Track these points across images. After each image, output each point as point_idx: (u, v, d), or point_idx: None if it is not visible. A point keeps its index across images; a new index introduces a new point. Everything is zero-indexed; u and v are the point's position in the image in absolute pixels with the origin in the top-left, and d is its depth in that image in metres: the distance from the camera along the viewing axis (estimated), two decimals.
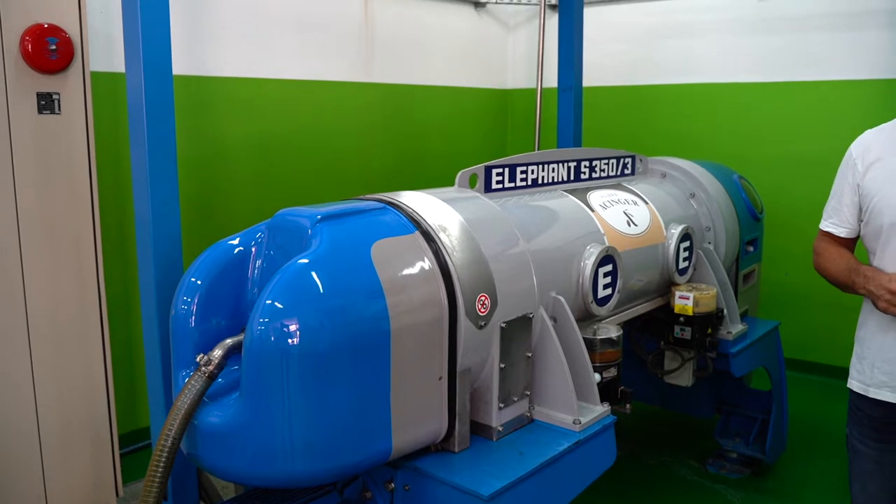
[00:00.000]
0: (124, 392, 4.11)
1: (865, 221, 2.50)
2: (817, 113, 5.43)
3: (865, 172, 2.46)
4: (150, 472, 2.06)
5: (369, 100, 5.65)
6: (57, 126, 3.15)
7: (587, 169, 3.31)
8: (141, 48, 2.55)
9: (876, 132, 2.54)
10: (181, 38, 4.27)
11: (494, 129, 6.97)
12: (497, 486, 2.15)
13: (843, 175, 2.57)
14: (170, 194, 2.67)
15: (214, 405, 2.11)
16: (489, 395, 2.42)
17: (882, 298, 2.33)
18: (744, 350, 3.68)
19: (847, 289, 2.53)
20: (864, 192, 2.48)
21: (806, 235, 5.67)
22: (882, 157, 2.44)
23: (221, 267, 2.28)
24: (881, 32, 5.16)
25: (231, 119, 4.78)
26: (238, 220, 4.39)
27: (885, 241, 2.43)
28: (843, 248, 2.60)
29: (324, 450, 2.03)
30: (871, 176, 2.45)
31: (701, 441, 4.51)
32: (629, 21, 6.26)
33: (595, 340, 2.71)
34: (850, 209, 2.54)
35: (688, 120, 6.00)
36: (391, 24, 5.75)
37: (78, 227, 3.25)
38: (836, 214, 2.59)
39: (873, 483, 2.56)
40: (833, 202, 2.61)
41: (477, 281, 2.30)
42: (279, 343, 1.93)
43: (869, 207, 2.46)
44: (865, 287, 2.41)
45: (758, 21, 5.63)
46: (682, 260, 3.45)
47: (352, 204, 2.38)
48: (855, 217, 2.54)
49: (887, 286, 2.31)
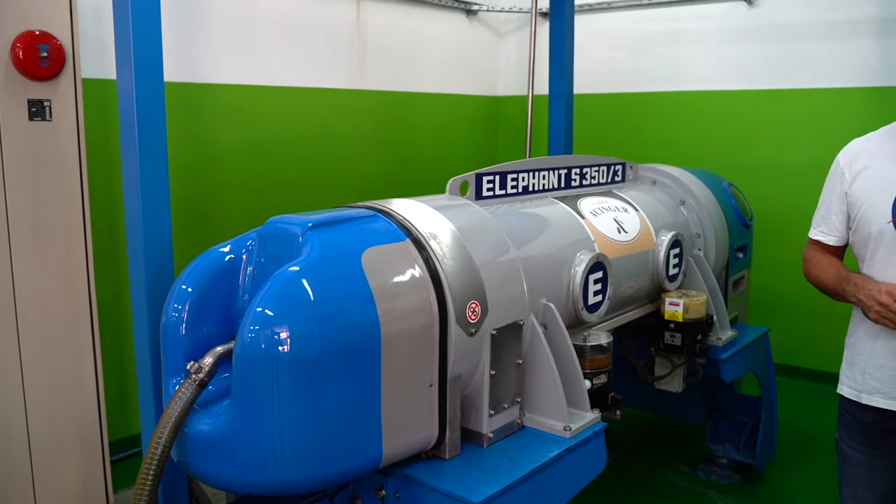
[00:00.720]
0: (115, 399, 4.09)
1: (854, 229, 2.51)
2: (807, 120, 5.47)
3: (853, 181, 2.48)
4: (140, 480, 2.05)
5: (361, 107, 5.66)
6: (48, 133, 3.14)
7: (578, 176, 3.33)
8: (132, 55, 2.55)
9: (863, 141, 2.55)
10: (173, 44, 4.25)
11: (486, 135, 6.99)
12: (488, 493, 2.15)
13: (831, 184, 2.58)
14: (161, 201, 2.67)
15: (205, 413, 2.10)
16: (480, 402, 2.42)
17: (872, 309, 2.34)
18: (733, 356, 3.69)
19: (837, 297, 2.54)
20: (851, 200, 2.49)
21: (795, 242, 5.69)
22: (869, 165, 2.46)
23: (212, 274, 2.28)
24: (870, 41, 5.20)
25: (223, 126, 4.77)
26: (229, 228, 4.39)
27: (873, 249, 2.44)
28: (832, 257, 2.61)
29: (314, 457, 2.03)
30: (858, 184, 2.46)
31: (691, 447, 4.52)
32: (620, 29, 6.29)
33: (585, 347, 2.72)
34: (838, 217, 2.55)
35: (678, 127, 6.03)
36: (383, 32, 5.76)
37: (69, 234, 3.24)
38: (824, 223, 2.60)
39: (863, 488, 2.57)
40: (821, 211, 2.62)
41: (467, 288, 2.31)
42: (270, 350, 1.93)
43: (857, 215, 2.47)
44: (856, 296, 2.42)
45: (748, 29, 5.67)
46: (672, 266, 3.46)
47: (343, 211, 2.38)
48: (843, 225, 2.55)
49: (877, 298, 2.31)
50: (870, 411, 2.50)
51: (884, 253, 2.41)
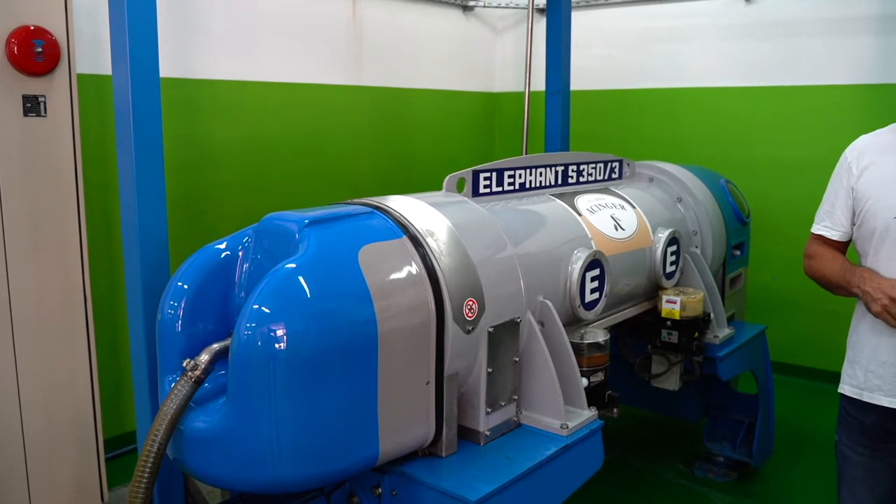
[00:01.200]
0: (110, 396, 4.08)
1: (858, 224, 2.51)
2: (805, 117, 5.46)
3: (860, 176, 2.48)
4: (135, 478, 2.05)
5: (357, 103, 5.64)
6: (43, 129, 3.13)
7: (575, 173, 3.32)
8: (128, 50, 2.54)
9: (871, 137, 2.55)
10: (169, 40, 4.24)
11: (482, 132, 6.98)
12: (485, 491, 2.15)
13: (837, 178, 2.57)
14: (157, 197, 2.66)
15: (201, 410, 2.09)
16: (477, 400, 2.41)
17: (879, 302, 2.32)
18: (731, 354, 3.69)
19: (840, 290, 2.53)
20: (858, 195, 2.49)
21: (793, 239, 5.70)
22: (876, 160, 2.46)
23: (208, 271, 2.27)
24: (868, 38, 5.19)
25: (219, 122, 4.76)
26: (225, 224, 4.35)
27: (878, 244, 2.44)
28: (836, 251, 2.59)
29: (311, 455, 2.02)
30: (865, 179, 2.46)
31: (688, 445, 4.52)
32: (617, 25, 6.27)
33: (582, 345, 2.72)
34: (843, 212, 2.54)
35: (675, 124, 6.02)
36: (379, 28, 5.74)
37: (64, 231, 3.23)
38: (828, 217, 2.59)
39: (862, 489, 2.56)
40: (826, 206, 2.61)
41: (464, 285, 2.30)
42: (266, 348, 1.92)
43: (863, 210, 2.47)
44: (861, 287, 2.40)
45: (745, 26, 5.66)
46: (669, 264, 3.46)
47: (339, 208, 2.37)
48: (848, 220, 2.54)
49: (889, 292, 2.30)
50: (871, 411, 2.49)
51: (889, 248, 2.40)
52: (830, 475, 2.74)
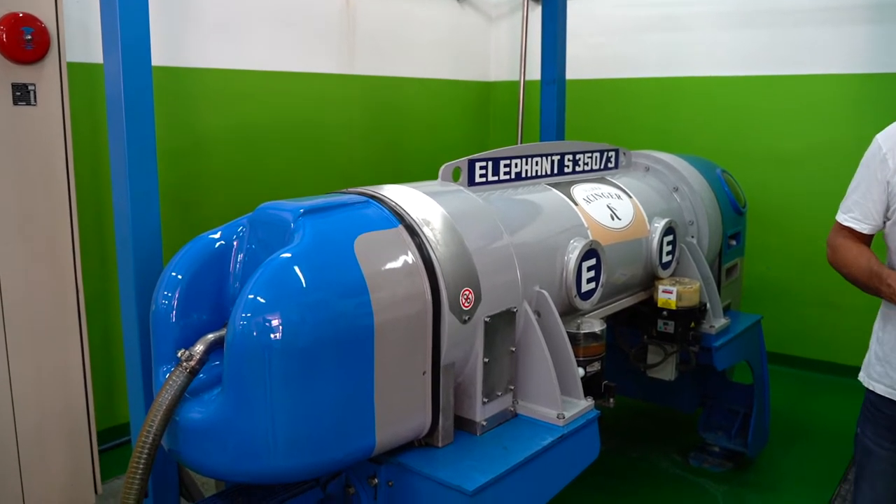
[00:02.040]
0: (102, 388, 4.06)
1: (894, 219, 2.39)
2: (802, 107, 5.45)
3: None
4: (130, 469, 2.03)
5: (351, 92, 5.61)
6: (33, 118, 3.10)
7: (571, 162, 3.30)
8: (119, 38, 2.51)
9: None
10: (160, 28, 4.19)
11: (476, 121, 6.95)
12: (481, 481, 2.14)
13: (869, 169, 2.42)
14: (149, 187, 2.64)
15: (196, 401, 2.08)
16: (473, 390, 2.41)
17: None
18: (726, 344, 3.69)
19: (868, 290, 2.42)
20: (894, 189, 2.36)
21: (788, 230, 5.72)
22: None
23: (202, 261, 2.25)
24: (866, 26, 5.18)
25: (211, 111, 4.72)
26: (219, 214, 4.34)
27: None
28: (862, 246, 2.47)
29: (307, 445, 2.01)
30: None
31: (684, 435, 4.52)
32: (613, 14, 6.24)
33: (579, 335, 2.71)
34: (876, 206, 2.41)
35: (671, 113, 6.00)
36: (373, 16, 5.71)
37: (55, 221, 3.20)
38: (857, 209, 2.45)
39: (882, 484, 2.52)
40: (855, 196, 2.46)
41: (461, 275, 2.29)
42: (261, 338, 1.90)
43: None
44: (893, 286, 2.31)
45: (742, 14, 5.64)
46: (665, 254, 3.45)
47: (334, 198, 2.35)
48: (881, 214, 2.42)
49: None
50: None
51: None
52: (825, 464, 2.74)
